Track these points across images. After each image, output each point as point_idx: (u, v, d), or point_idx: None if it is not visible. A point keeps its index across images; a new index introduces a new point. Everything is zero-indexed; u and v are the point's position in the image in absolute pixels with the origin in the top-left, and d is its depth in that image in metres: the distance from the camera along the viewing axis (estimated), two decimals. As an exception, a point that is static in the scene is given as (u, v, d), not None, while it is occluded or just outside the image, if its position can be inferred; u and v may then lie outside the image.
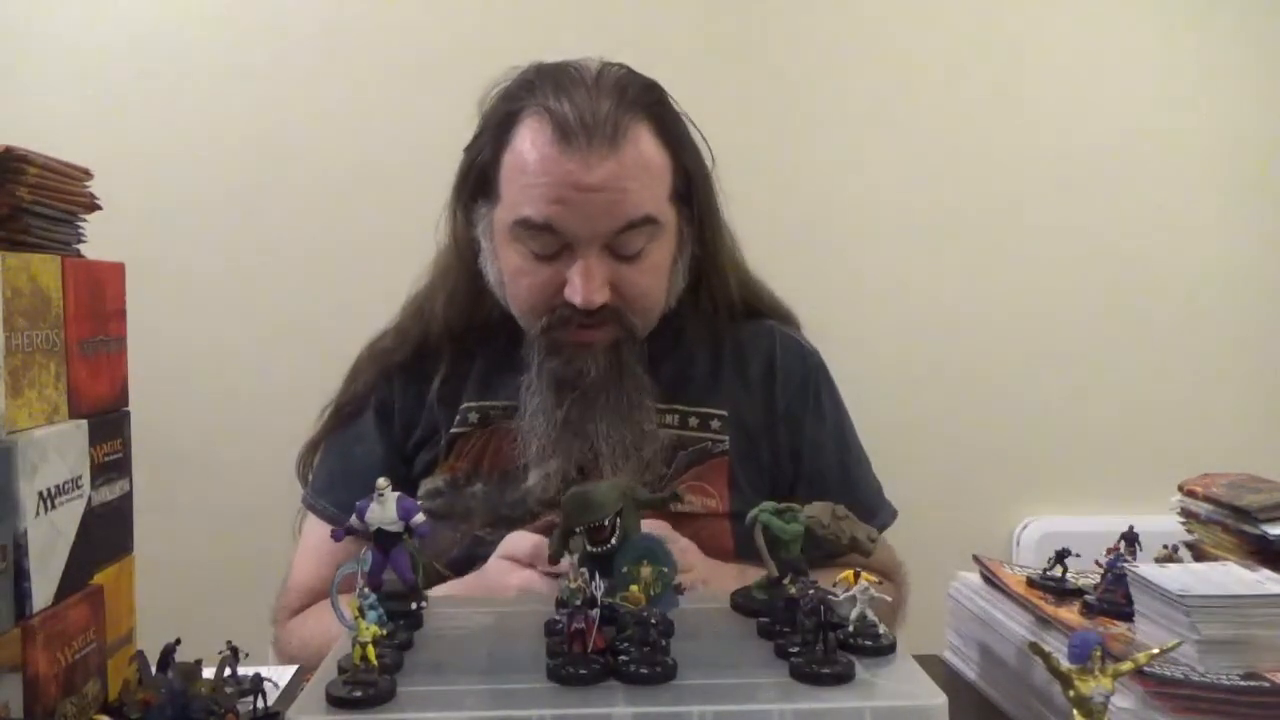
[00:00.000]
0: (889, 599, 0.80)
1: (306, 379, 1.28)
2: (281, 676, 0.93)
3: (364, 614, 0.71)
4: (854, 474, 1.31)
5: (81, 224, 0.79)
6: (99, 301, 0.78)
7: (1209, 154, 2.12)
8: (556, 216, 1.11)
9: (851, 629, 0.77)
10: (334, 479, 1.26)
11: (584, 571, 0.75)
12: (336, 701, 0.67)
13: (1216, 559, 0.95)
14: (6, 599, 0.65)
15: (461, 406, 1.24)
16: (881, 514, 1.30)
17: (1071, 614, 0.87)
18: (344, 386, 1.30)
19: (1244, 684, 0.73)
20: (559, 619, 0.73)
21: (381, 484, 0.84)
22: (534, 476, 1.16)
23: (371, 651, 0.69)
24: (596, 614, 0.72)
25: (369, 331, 1.31)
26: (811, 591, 0.76)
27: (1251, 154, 2.12)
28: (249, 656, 0.80)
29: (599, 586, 0.73)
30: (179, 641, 0.77)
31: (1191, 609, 0.76)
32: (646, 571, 0.78)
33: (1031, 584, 0.94)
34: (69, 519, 0.72)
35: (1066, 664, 0.68)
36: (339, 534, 0.87)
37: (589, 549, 0.82)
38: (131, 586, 0.82)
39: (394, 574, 0.85)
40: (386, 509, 0.84)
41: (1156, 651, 0.71)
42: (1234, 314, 2.13)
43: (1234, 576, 0.82)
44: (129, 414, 0.81)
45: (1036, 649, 0.69)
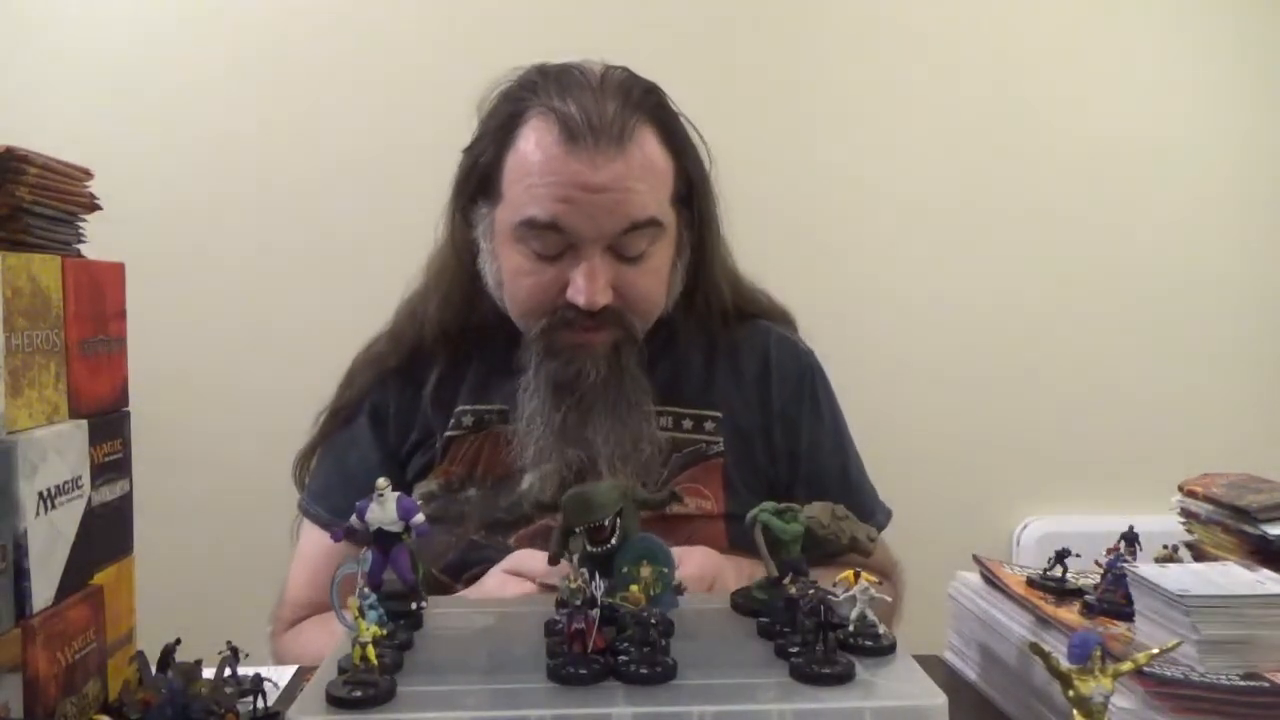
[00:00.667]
0: (889, 599, 0.80)
1: (306, 379, 1.28)
2: (281, 676, 0.92)
3: (364, 614, 0.71)
4: (852, 474, 1.31)
5: (81, 224, 0.79)
6: (99, 301, 0.78)
7: (1209, 155, 2.12)
8: (562, 216, 1.11)
9: (851, 629, 0.77)
10: (329, 485, 1.26)
11: (584, 571, 0.75)
12: (336, 701, 0.67)
13: (1216, 559, 0.94)
14: (6, 599, 0.65)
15: (456, 409, 1.23)
16: (878, 514, 1.30)
17: (1071, 614, 0.87)
18: (338, 392, 1.29)
19: (1244, 684, 0.73)
20: (559, 619, 0.73)
21: (381, 484, 0.84)
22: (529, 480, 1.15)
23: (371, 651, 0.69)
24: (596, 614, 0.72)
25: (370, 332, 1.31)
26: (811, 591, 0.76)
27: (1252, 155, 2.12)
28: (249, 656, 0.79)
29: (599, 586, 0.74)
30: (179, 641, 0.77)
31: (1191, 609, 0.76)
32: (646, 571, 0.78)
33: (1031, 584, 0.94)
34: (69, 519, 0.72)
35: (1066, 664, 0.68)
36: (339, 534, 0.87)
37: (589, 549, 0.82)
38: (131, 586, 0.82)
39: (394, 574, 0.85)
40: (386, 509, 0.84)
41: (1156, 651, 0.71)
42: (1234, 314, 2.13)
43: (1234, 576, 0.81)
44: (129, 414, 0.81)
45: (1036, 649, 0.69)
